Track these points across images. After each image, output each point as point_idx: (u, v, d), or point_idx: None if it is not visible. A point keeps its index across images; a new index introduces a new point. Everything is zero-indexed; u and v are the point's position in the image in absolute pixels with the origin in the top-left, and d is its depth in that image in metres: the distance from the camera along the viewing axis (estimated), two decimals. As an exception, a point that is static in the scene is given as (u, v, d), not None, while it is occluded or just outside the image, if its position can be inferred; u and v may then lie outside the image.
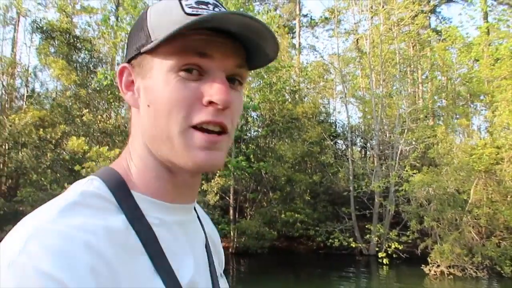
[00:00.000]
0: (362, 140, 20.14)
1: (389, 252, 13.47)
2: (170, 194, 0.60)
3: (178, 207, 0.61)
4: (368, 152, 19.51)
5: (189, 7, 0.56)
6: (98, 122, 12.64)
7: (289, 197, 15.59)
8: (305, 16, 27.27)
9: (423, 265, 12.09)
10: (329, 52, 26.42)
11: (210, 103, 0.54)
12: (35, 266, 0.45)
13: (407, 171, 13.87)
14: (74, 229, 0.48)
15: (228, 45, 0.56)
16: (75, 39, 14.91)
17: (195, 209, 0.69)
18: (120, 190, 0.56)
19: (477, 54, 16.40)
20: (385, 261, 13.18)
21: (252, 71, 0.53)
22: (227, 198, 14.73)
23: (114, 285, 0.48)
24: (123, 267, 0.50)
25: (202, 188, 12.13)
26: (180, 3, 0.57)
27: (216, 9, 0.57)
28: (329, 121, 20.48)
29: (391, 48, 18.17)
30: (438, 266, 11.95)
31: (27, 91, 15.53)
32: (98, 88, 13.69)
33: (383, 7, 17.39)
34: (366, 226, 14.86)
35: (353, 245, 14.45)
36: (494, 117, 13.16)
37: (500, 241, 12.16)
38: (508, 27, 18.03)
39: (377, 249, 14.34)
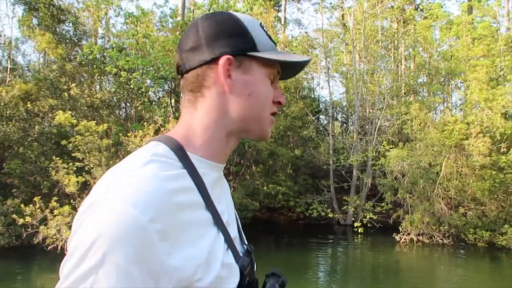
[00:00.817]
0: (343, 115, 20.68)
1: (364, 222, 14.29)
2: (218, 156, 0.78)
3: (217, 165, 0.79)
4: (349, 127, 20.11)
5: (269, 38, 0.82)
6: (86, 96, 12.79)
7: (272, 170, 16.17)
8: (291, -11, 27.11)
9: (394, 234, 12.96)
10: (313, 27, 26.52)
11: (278, 102, 0.83)
12: (130, 195, 0.60)
13: (384, 146, 14.51)
14: (151, 173, 0.65)
15: None
16: (59, 11, 14.79)
17: None
18: (179, 151, 0.73)
19: (456, 33, 16.86)
20: (360, 230, 14.01)
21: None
22: (211, 171, 15.17)
23: (185, 205, 0.67)
24: (189, 197, 0.68)
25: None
26: (264, 31, 0.82)
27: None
28: (312, 96, 20.90)
29: (375, 24, 18.46)
30: (408, 234, 12.82)
31: (11, 64, 15.47)
32: (83, 62, 13.75)
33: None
34: (344, 198, 15.61)
35: (330, 215, 15.24)
36: (466, 95, 13.78)
37: (467, 211, 13.05)
38: (488, 6, 18.49)
39: (353, 219, 15.16)
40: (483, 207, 12.93)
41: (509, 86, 13.27)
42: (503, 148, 12.67)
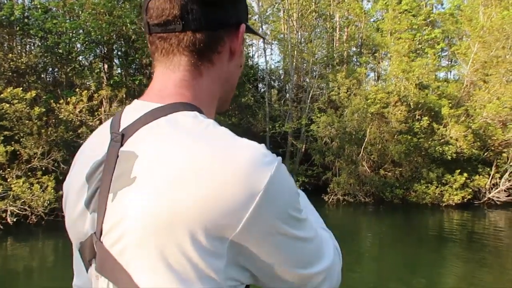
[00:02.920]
0: (279, 83, 21.31)
1: (298, 185, 15.28)
2: None
3: None
4: (286, 95, 20.80)
5: None
6: (9, 60, 11.96)
7: (209, 137, 16.41)
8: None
9: (323, 194, 14.12)
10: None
11: None
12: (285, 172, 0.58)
13: (315, 113, 15.42)
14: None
15: None
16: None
17: None
18: None
19: (384, 7, 17.93)
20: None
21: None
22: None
23: None
24: None
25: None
26: None
27: None
28: (250, 63, 21.15)
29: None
30: (336, 194, 14.05)
31: None
32: (4, 23, 12.71)
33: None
34: (279, 163, 16.41)
35: (266, 180, 16.04)
36: (388, 67, 14.99)
37: (387, 172, 14.53)
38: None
39: (287, 183, 16.10)
40: (401, 169, 14.48)
41: (424, 59, 14.65)
42: (418, 115, 14.14)
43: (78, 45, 14.32)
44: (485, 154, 14.42)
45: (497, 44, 15.16)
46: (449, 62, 22.71)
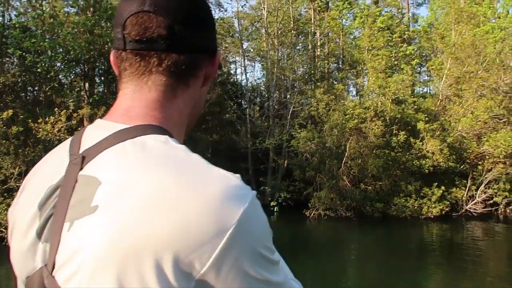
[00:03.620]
0: (261, 100, 21.54)
1: (280, 201, 15.36)
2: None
3: None
4: (267, 111, 20.98)
5: None
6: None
7: (191, 155, 16.39)
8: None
9: (304, 210, 14.20)
10: (235, 9, 26.77)
11: None
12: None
13: (296, 129, 15.61)
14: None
15: None
16: None
17: None
18: None
19: (359, 25, 18.47)
20: (275, 208, 15.06)
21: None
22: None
23: None
24: None
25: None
26: None
27: None
28: (231, 80, 21.33)
29: (289, 13, 19.35)
30: (317, 209, 14.14)
31: None
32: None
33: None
34: (261, 179, 16.53)
35: (249, 196, 16.03)
36: (365, 83, 15.40)
37: (367, 186, 14.73)
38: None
39: (270, 199, 16.17)
40: (381, 183, 14.70)
41: (401, 75, 15.10)
42: (395, 130, 14.47)
43: (58, 64, 14.27)
44: (461, 166, 14.80)
45: (469, 60, 15.75)
46: (428, 77, 23.33)
